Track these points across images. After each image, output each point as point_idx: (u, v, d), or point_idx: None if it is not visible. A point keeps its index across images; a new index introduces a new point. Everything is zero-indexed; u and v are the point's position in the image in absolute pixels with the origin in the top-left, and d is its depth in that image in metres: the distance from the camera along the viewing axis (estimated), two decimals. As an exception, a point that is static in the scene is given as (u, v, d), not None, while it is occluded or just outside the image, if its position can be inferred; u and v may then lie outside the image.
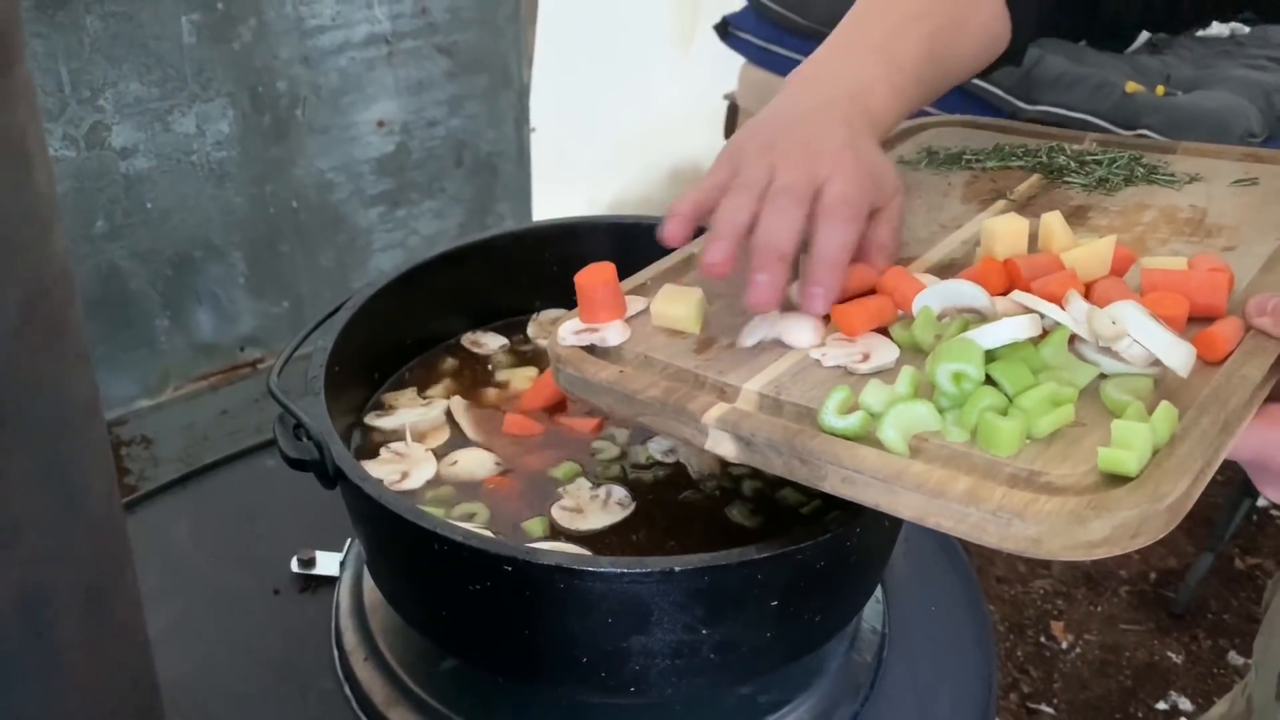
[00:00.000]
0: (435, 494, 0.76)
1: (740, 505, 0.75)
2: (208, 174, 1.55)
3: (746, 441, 0.62)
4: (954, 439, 0.59)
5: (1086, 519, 0.53)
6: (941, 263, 0.77)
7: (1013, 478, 0.56)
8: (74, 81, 1.40)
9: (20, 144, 0.39)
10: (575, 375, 0.70)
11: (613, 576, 0.60)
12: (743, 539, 0.71)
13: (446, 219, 1.82)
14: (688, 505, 0.75)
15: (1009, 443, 0.57)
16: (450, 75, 1.72)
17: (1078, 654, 2.17)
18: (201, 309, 1.62)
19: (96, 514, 0.47)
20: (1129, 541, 0.53)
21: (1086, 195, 0.84)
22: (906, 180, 0.90)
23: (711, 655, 0.65)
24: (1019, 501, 0.54)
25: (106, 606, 0.50)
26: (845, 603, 0.72)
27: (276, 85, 1.56)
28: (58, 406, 0.43)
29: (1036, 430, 0.58)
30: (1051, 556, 0.54)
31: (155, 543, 0.92)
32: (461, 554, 0.62)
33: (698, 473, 0.78)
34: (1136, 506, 0.53)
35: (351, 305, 0.81)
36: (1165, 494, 0.53)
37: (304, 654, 0.82)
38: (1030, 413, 0.58)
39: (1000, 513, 0.54)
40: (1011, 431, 0.57)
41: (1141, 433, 0.55)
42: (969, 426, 0.59)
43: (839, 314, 0.68)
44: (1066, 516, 0.53)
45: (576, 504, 0.74)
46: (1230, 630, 2.21)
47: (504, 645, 0.68)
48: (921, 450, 0.59)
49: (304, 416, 0.68)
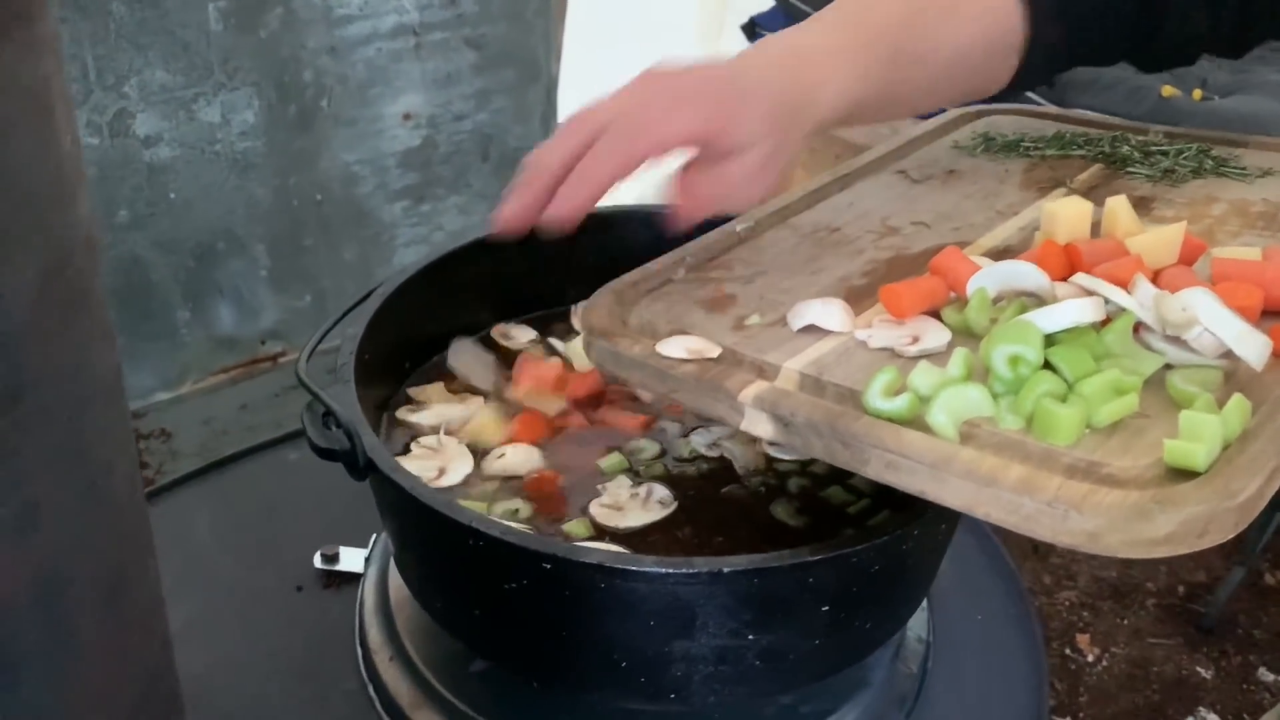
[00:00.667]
0: (477, 490, 0.73)
1: (785, 503, 0.72)
2: (231, 164, 1.54)
3: (785, 422, 0.60)
4: (1008, 426, 0.56)
5: (1151, 513, 0.50)
6: (996, 248, 0.75)
7: (1070, 468, 0.53)
8: (99, 68, 1.39)
9: (44, 98, 0.36)
10: (608, 349, 0.68)
11: (657, 577, 0.57)
12: (787, 539, 0.68)
13: (472, 214, 1.79)
14: (731, 501, 0.73)
15: (1067, 431, 0.54)
16: (478, 69, 1.70)
17: (1104, 667, 2.14)
18: (223, 301, 1.61)
19: (118, 499, 0.45)
20: (1195, 540, 0.50)
21: (1151, 186, 0.81)
22: (962, 165, 0.88)
23: (757, 662, 0.62)
24: (1077, 493, 0.51)
25: (128, 597, 0.47)
26: (897, 610, 0.69)
27: (303, 75, 1.54)
28: (79, 383, 0.41)
29: (1097, 419, 0.55)
30: (1109, 553, 0.51)
31: (173, 537, 0.89)
32: (498, 550, 0.59)
33: (743, 467, 0.75)
34: (1205, 503, 0.50)
35: (383, 292, 0.78)
36: (1237, 491, 0.51)
37: (326, 653, 0.80)
38: (1091, 400, 0.55)
39: (1056, 504, 0.51)
40: (1070, 419, 0.54)
41: (1211, 425, 0.52)
42: (1024, 413, 0.56)
43: (886, 294, 0.66)
44: (1129, 510, 0.50)
45: (615, 501, 0.71)
46: (1261, 646, 2.17)
47: (539, 648, 0.65)
48: (972, 437, 0.56)
49: (334, 404, 0.65)
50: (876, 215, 0.81)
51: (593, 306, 0.71)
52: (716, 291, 0.72)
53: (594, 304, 0.71)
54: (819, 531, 0.69)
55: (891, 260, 0.75)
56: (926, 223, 0.79)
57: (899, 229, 0.79)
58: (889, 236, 0.78)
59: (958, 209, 0.80)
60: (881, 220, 0.80)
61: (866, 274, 0.73)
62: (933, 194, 0.84)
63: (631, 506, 0.71)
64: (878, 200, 0.83)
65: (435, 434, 0.77)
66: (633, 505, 0.71)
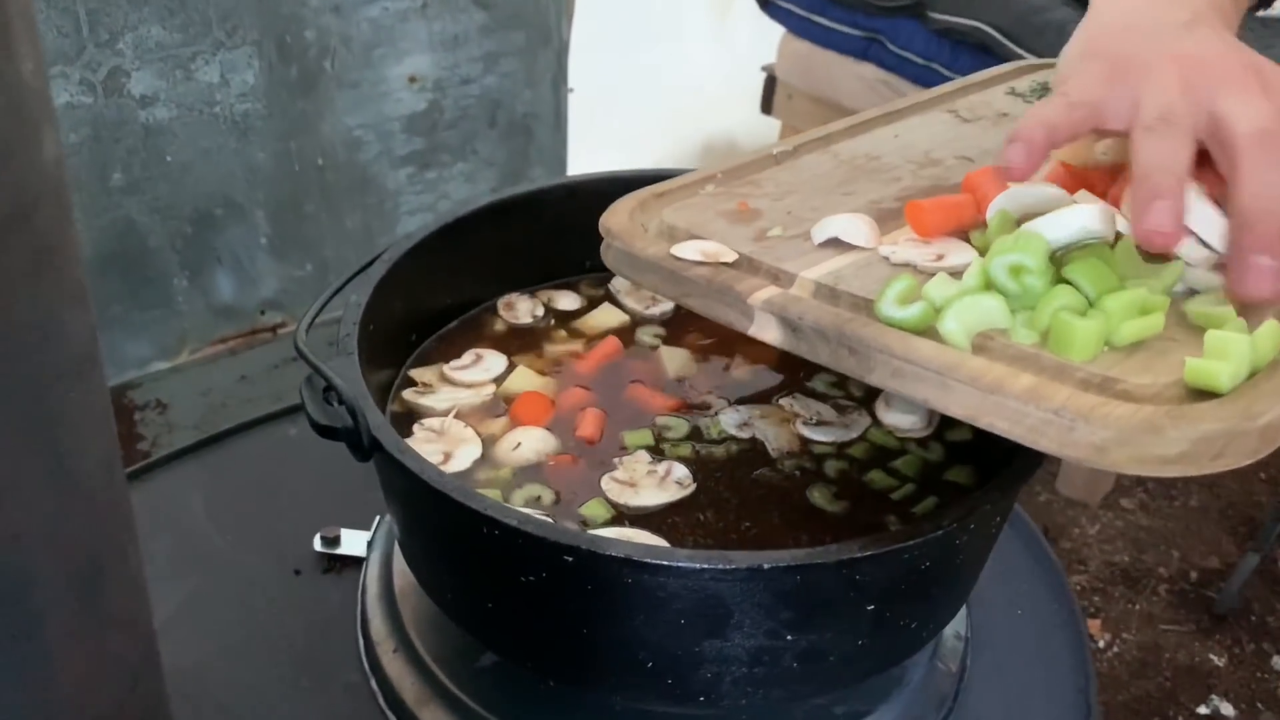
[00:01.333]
0: (490, 475, 0.68)
1: (823, 487, 0.67)
2: (231, 127, 1.48)
3: (793, 326, 0.58)
4: (1022, 340, 0.53)
5: (1163, 428, 0.47)
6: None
7: (1084, 382, 0.51)
8: (92, 23, 1.33)
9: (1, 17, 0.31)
10: (624, 250, 0.66)
11: (690, 572, 0.52)
12: (825, 525, 0.64)
13: (478, 183, 1.74)
14: (763, 485, 0.68)
15: (1084, 346, 0.51)
16: (486, 30, 1.64)
17: (1115, 654, 2.12)
18: (221, 269, 1.56)
19: (92, 484, 0.40)
20: (1210, 462, 0.48)
21: None
22: (1016, 110, 0.84)
23: (794, 664, 0.57)
24: (1086, 404, 0.49)
25: (103, 593, 0.42)
26: (943, 608, 0.64)
27: (305, 35, 1.49)
28: (46, 351, 0.35)
29: (1118, 337, 0.52)
30: (1117, 469, 0.49)
31: (165, 516, 0.85)
32: (515, 541, 0.54)
33: (776, 450, 0.70)
34: (1223, 421, 0.48)
35: (389, 258, 0.73)
36: (1259, 413, 0.48)
37: (327, 642, 0.76)
38: (1112, 316, 0.52)
39: (1063, 413, 0.49)
40: (1088, 333, 0.51)
41: (1239, 344, 0.49)
42: (1041, 327, 0.53)
43: (912, 210, 0.63)
44: (1140, 424, 0.48)
45: (630, 477, 0.66)
46: (1274, 634, 2.16)
47: (557, 644, 0.60)
48: (985, 349, 0.53)
49: (336, 379, 0.60)
50: (920, 148, 0.78)
51: (614, 210, 0.69)
52: (742, 205, 0.70)
53: (616, 208, 0.69)
54: (856, 518, 0.65)
55: (928, 190, 0.72)
56: (970, 157, 0.76)
57: (941, 160, 0.76)
58: (930, 167, 0.76)
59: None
60: (925, 152, 0.78)
61: (900, 199, 0.70)
62: (981, 133, 0.81)
63: (647, 484, 0.66)
64: (924, 134, 0.81)
65: (443, 417, 0.72)
66: (648, 483, 0.66)
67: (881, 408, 0.73)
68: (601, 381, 0.76)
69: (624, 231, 0.67)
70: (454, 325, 0.81)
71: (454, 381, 0.75)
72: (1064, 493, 2.41)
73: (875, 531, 0.56)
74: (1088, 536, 2.35)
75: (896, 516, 0.65)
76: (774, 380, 0.77)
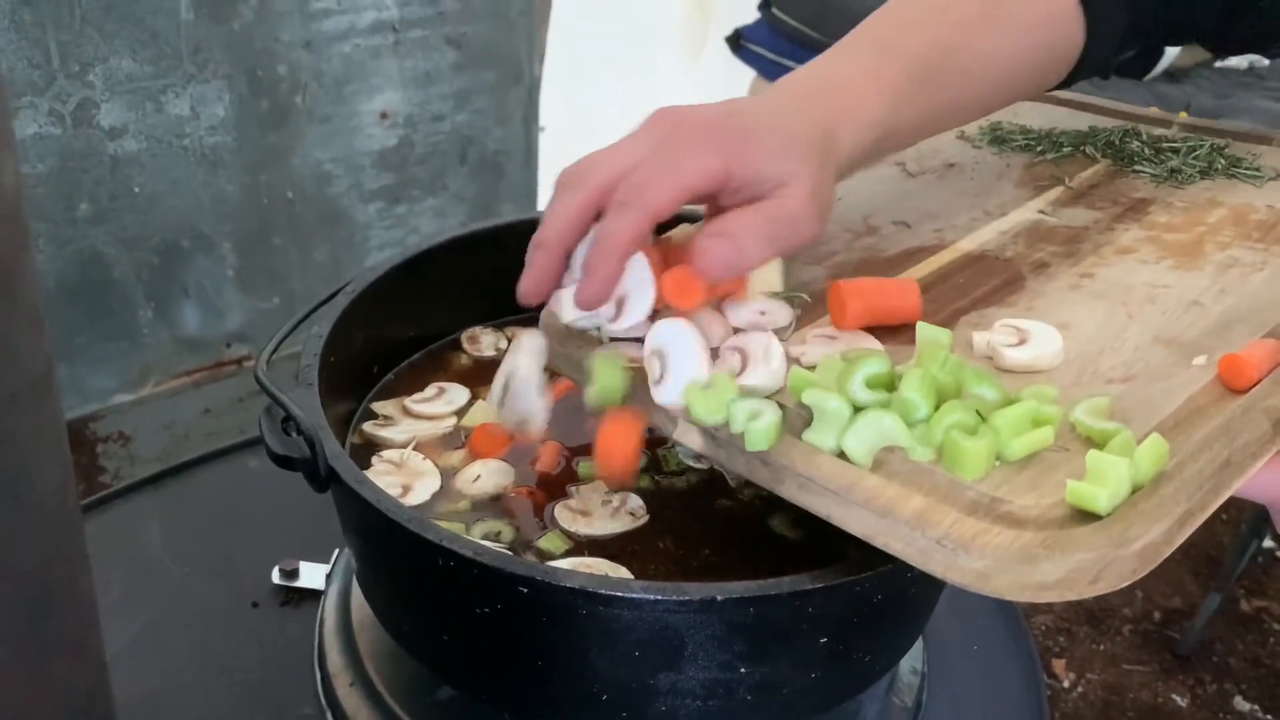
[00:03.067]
0: (449, 508, 0.68)
1: (782, 515, 0.67)
2: (200, 159, 1.48)
3: (712, 436, 0.58)
4: (919, 458, 0.53)
5: (1037, 558, 0.48)
6: (973, 253, 0.72)
7: (973, 504, 0.51)
8: (63, 55, 1.33)
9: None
10: (560, 353, 0.66)
11: (645, 604, 0.53)
12: (785, 553, 0.64)
13: (448, 218, 1.75)
14: (723, 513, 0.68)
15: (975, 465, 0.52)
16: (458, 68, 1.65)
17: (1079, 694, 2.12)
18: (187, 301, 1.55)
19: (44, 509, 0.40)
20: (1087, 586, 0.49)
21: (1154, 187, 0.78)
22: (964, 159, 0.84)
23: (749, 697, 0.57)
24: (968, 531, 0.49)
25: (54, 620, 0.42)
26: (897, 641, 0.65)
27: (276, 69, 1.49)
28: (0, 375, 0.36)
29: (1009, 452, 0.53)
30: (1000, 595, 0.49)
31: (122, 546, 0.84)
32: (470, 572, 0.54)
33: (735, 480, 0.70)
34: (1096, 549, 0.48)
35: (351, 290, 0.73)
36: (1133, 538, 0.48)
37: (283, 675, 0.75)
38: (1003, 432, 0.52)
39: (945, 541, 0.49)
40: (978, 453, 0.51)
41: (1118, 468, 0.49)
42: (935, 444, 0.53)
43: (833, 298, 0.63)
44: (1016, 553, 0.48)
45: (585, 506, 0.67)
46: (1236, 674, 2.16)
47: (513, 677, 0.60)
48: (884, 464, 0.54)
49: (294, 408, 0.60)
50: (860, 212, 0.78)
51: (550, 310, 0.68)
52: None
53: (551, 308, 0.68)
54: (818, 545, 0.65)
55: (860, 263, 0.72)
56: (908, 223, 0.76)
57: (878, 228, 0.76)
58: (866, 237, 0.75)
59: (946, 207, 0.77)
60: (864, 218, 0.77)
61: (832, 278, 0.69)
62: (925, 190, 0.80)
63: (601, 514, 0.67)
64: (866, 195, 0.80)
65: (402, 449, 0.72)
66: (602, 513, 0.67)
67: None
68: (559, 414, 0.77)
69: (557, 335, 0.67)
70: (417, 358, 0.82)
71: (415, 414, 0.76)
72: (1028, 532, 2.42)
73: (835, 560, 0.56)
74: (1052, 576, 2.37)
75: (854, 544, 0.65)
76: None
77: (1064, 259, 0.70)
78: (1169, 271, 0.68)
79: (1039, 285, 0.68)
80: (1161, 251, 0.71)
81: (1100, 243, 0.72)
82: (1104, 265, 0.70)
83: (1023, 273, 0.69)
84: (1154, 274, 0.68)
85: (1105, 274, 0.69)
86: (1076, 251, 0.71)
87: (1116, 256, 0.71)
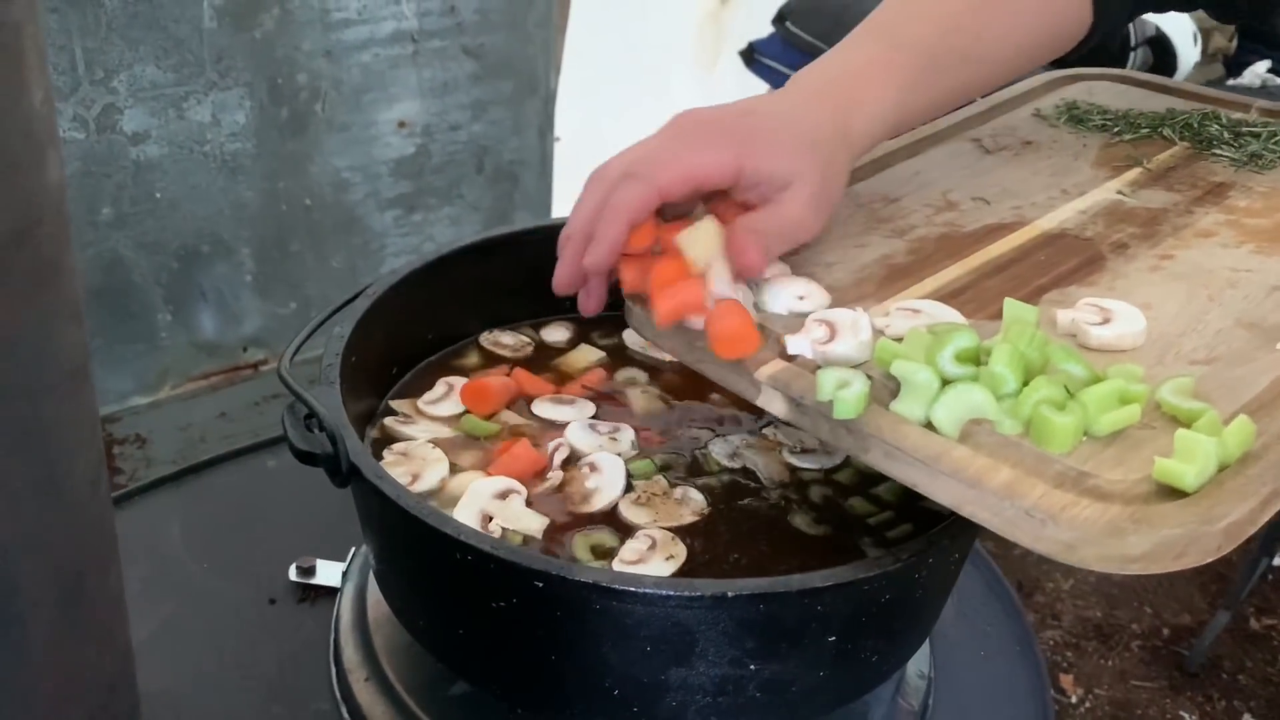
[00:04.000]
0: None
1: (804, 512, 0.69)
2: (220, 165, 1.50)
3: (797, 403, 0.59)
4: (1006, 430, 0.54)
5: (1125, 532, 0.49)
6: (1052, 231, 0.72)
7: (1060, 476, 0.52)
8: (88, 61, 1.35)
9: (15, 47, 0.33)
10: (642, 315, 0.67)
11: (657, 599, 0.54)
12: (810, 552, 0.65)
13: (463, 226, 1.76)
14: (749, 513, 0.69)
15: (1062, 439, 0.53)
16: (476, 78, 1.67)
17: (1087, 709, 2.11)
18: (205, 306, 1.57)
19: (79, 496, 0.41)
20: (1172, 561, 0.50)
21: (1233, 172, 0.78)
22: (1040, 137, 0.85)
23: (758, 694, 0.58)
24: (1057, 503, 0.50)
25: (85, 603, 0.43)
26: (905, 641, 0.66)
27: (297, 78, 1.51)
28: (41, 365, 0.37)
29: (1096, 428, 0.54)
30: (1086, 565, 0.50)
31: (143, 543, 0.86)
32: (487, 566, 0.55)
33: (767, 478, 0.72)
34: (1183, 525, 0.49)
35: (373, 292, 0.74)
36: (1219, 516, 0.49)
37: (299, 670, 0.76)
38: (1090, 408, 0.54)
39: (1035, 512, 0.50)
40: (1065, 428, 0.53)
41: (1205, 446, 0.51)
42: (1023, 418, 0.54)
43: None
44: (1104, 526, 0.49)
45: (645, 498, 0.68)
46: (1245, 692, 2.15)
47: (526, 671, 0.61)
48: (971, 436, 0.55)
49: (317, 405, 0.62)
50: (939, 187, 0.78)
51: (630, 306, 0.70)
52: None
53: None
54: (839, 542, 0.67)
55: (940, 238, 0.73)
56: (987, 199, 0.77)
57: (957, 204, 0.77)
58: (945, 212, 0.76)
59: (1023, 185, 0.78)
60: (942, 193, 0.78)
61: (912, 252, 0.71)
62: (1002, 166, 0.81)
63: (663, 506, 0.68)
64: (944, 170, 0.81)
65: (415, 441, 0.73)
66: (664, 505, 0.68)
67: (787, 453, 0.74)
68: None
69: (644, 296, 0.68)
70: (434, 359, 0.83)
71: (427, 415, 0.77)
72: (1038, 546, 2.42)
73: (854, 558, 0.58)
74: (1061, 591, 2.36)
75: (871, 540, 0.67)
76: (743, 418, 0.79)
77: (1143, 240, 0.71)
78: (1250, 256, 0.69)
79: (1119, 266, 0.69)
80: (1242, 236, 0.71)
81: (1179, 225, 0.73)
82: (1184, 248, 0.70)
83: (1103, 252, 0.70)
84: (1235, 258, 0.69)
85: (1185, 256, 0.69)
86: (1156, 233, 0.72)
87: (1196, 239, 0.71)
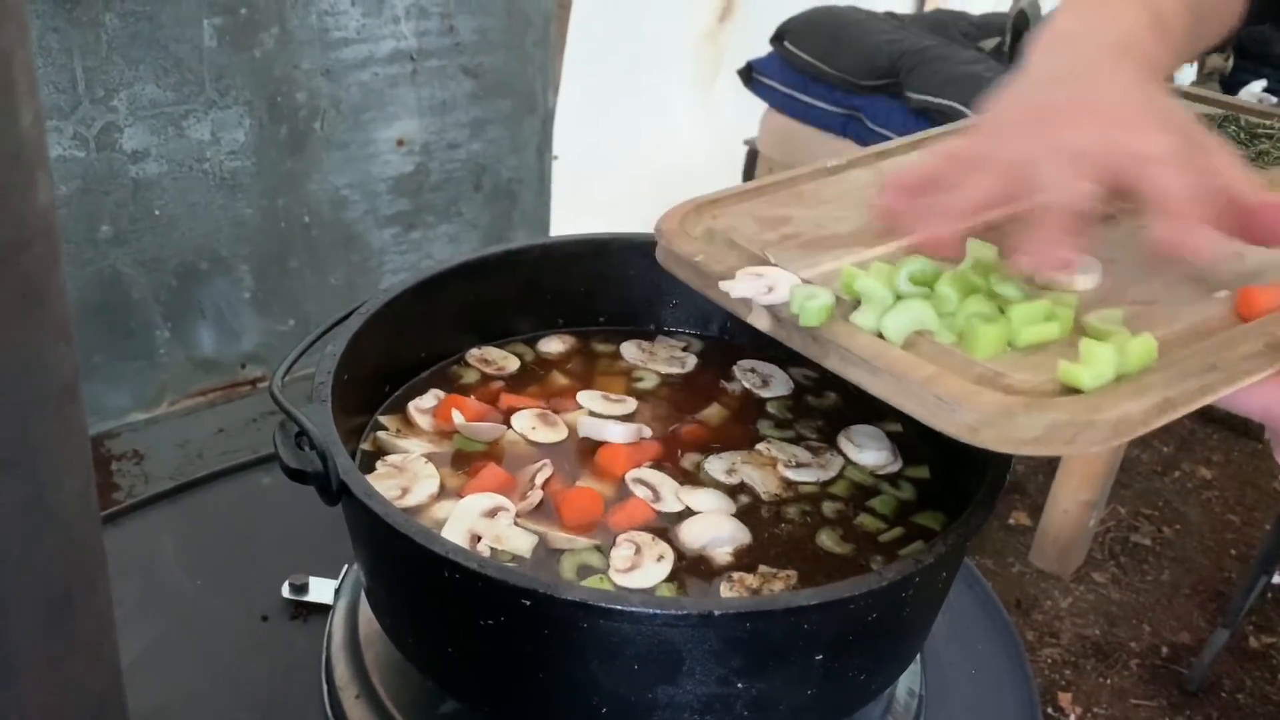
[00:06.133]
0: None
1: (830, 530, 0.71)
2: (219, 183, 1.51)
3: (778, 318, 0.65)
4: (944, 340, 0.60)
5: (1016, 414, 0.55)
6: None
7: (979, 376, 0.58)
8: (88, 80, 1.36)
9: (5, 74, 0.34)
10: (666, 248, 0.73)
11: (643, 617, 0.54)
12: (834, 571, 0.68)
13: (462, 244, 1.77)
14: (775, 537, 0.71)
15: (986, 346, 0.59)
16: (474, 97, 1.68)
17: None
18: (204, 322, 1.57)
19: (67, 513, 0.41)
20: (1064, 445, 0.55)
21: None
22: None
23: (745, 712, 0.59)
24: (964, 391, 0.56)
25: (72, 621, 0.43)
26: (891, 661, 0.66)
27: (296, 96, 1.52)
28: (30, 382, 0.38)
29: (1019, 339, 0.60)
30: (988, 446, 0.56)
31: (136, 559, 0.86)
32: (475, 583, 0.55)
33: (765, 493, 0.74)
34: (1069, 413, 0.54)
35: (365, 310, 0.75)
36: (1107, 407, 0.54)
37: (291, 687, 0.77)
38: (1015, 321, 0.60)
39: (946, 398, 0.56)
40: (989, 335, 0.59)
41: (1104, 353, 0.56)
42: (958, 330, 0.61)
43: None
44: (1001, 409, 0.55)
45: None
46: (1244, 711, 2.14)
47: (514, 689, 0.61)
48: (914, 345, 0.61)
49: (308, 423, 0.62)
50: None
51: (669, 214, 0.76)
52: (776, 211, 0.76)
53: (671, 212, 0.76)
54: (858, 561, 0.69)
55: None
56: None
57: None
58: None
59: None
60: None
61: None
62: None
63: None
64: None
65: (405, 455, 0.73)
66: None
67: (852, 450, 0.79)
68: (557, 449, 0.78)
69: (671, 233, 0.74)
70: (426, 375, 0.83)
71: (415, 424, 0.77)
72: (1036, 564, 2.42)
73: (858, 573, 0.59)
74: (1060, 609, 2.36)
75: (883, 559, 0.69)
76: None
77: (1131, 215, 0.73)
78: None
79: (1101, 232, 0.71)
80: None
81: None
82: None
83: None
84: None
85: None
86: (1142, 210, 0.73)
87: None
